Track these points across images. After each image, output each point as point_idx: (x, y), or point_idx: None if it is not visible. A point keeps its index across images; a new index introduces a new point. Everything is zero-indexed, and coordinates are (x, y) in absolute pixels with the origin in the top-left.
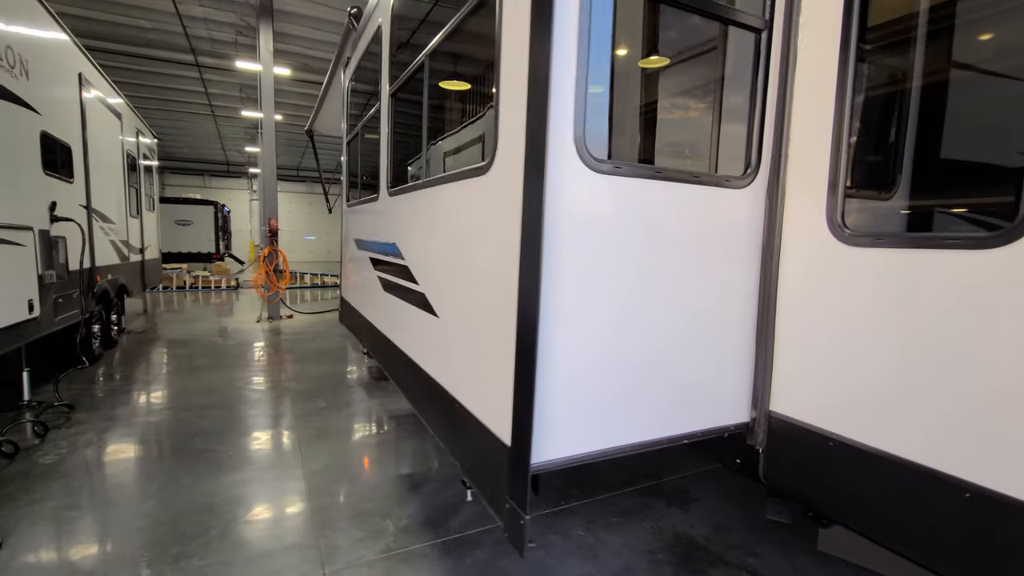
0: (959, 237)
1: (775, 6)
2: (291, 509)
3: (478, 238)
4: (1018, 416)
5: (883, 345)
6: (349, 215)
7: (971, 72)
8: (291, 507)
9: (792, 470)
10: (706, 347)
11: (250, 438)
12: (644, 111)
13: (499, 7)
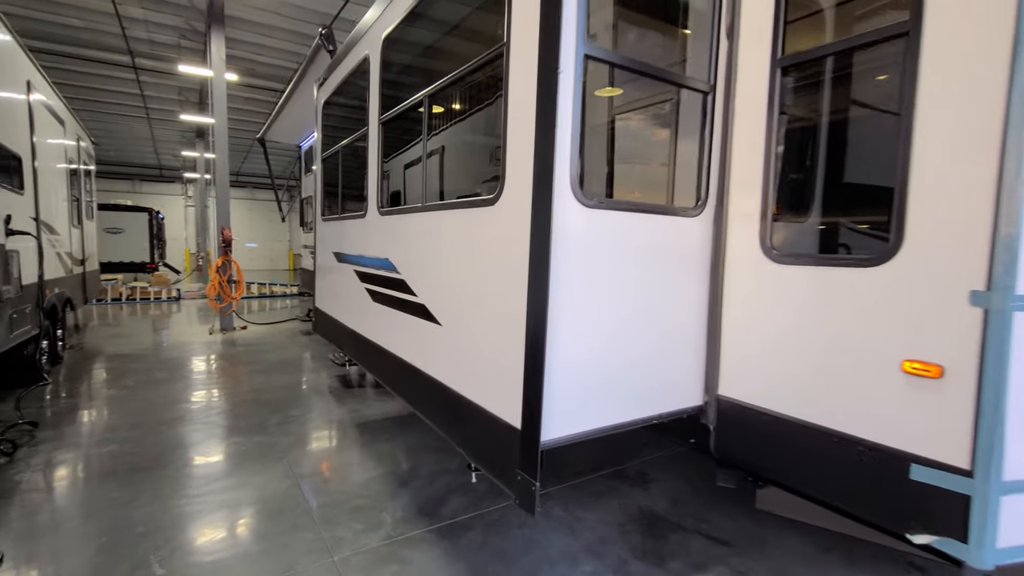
0: (852, 257)
1: (717, 75)
2: (289, 509)
3: (487, 257)
4: (888, 388)
5: (804, 340)
6: (326, 228)
7: (859, 118)
8: (288, 508)
9: (736, 442)
10: (670, 344)
11: (232, 447)
12: (619, 156)
13: (506, 73)
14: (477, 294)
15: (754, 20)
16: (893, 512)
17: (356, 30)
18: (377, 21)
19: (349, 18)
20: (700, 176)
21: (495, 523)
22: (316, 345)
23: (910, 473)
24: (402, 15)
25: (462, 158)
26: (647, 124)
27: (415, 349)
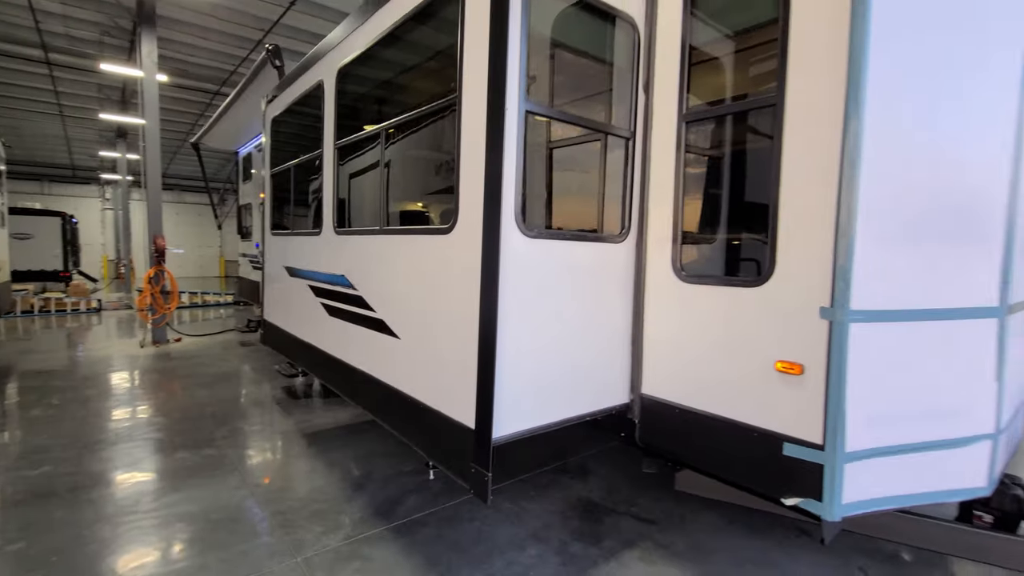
0: (740, 279)
1: (636, 124)
2: (246, 518)
3: (443, 278)
4: (766, 383)
5: (706, 346)
6: (275, 242)
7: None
8: (246, 516)
9: (657, 433)
10: (602, 350)
11: (180, 462)
12: (557, 191)
13: (458, 122)
14: (434, 311)
15: (664, 80)
16: (773, 482)
17: (310, 56)
18: (333, 51)
19: (291, 24)
20: (624, 208)
21: (448, 519)
22: (258, 356)
23: (783, 450)
24: (357, 52)
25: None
26: (580, 164)
27: (373, 360)
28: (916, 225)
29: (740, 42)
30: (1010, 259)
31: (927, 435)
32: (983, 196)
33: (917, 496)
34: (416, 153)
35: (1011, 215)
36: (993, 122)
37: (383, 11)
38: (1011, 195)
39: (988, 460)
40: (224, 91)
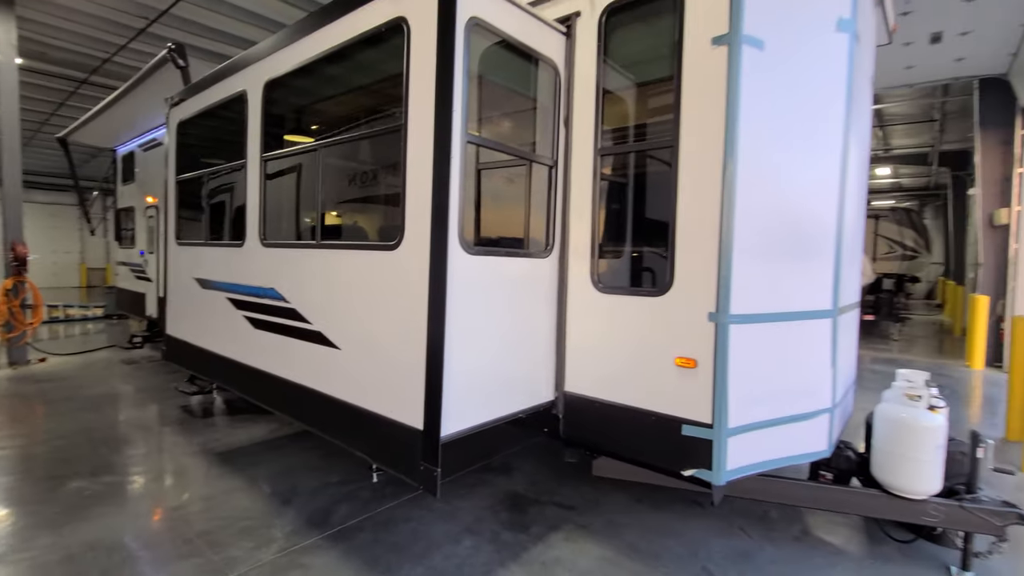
0: (647, 289)
1: (558, 154)
2: (168, 542)
3: (389, 291)
4: (667, 376)
5: (619, 346)
6: (181, 253)
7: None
8: (167, 540)
9: (578, 425)
10: (531, 354)
11: (77, 491)
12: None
13: (404, 148)
14: (378, 322)
15: (582, 117)
16: (674, 458)
17: (231, 64)
18: (260, 63)
19: (182, 15)
20: (548, 227)
21: (383, 522)
22: (147, 375)
23: (682, 431)
24: (290, 68)
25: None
26: (513, 187)
27: (308, 371)
28: (776, 247)
29: (645, 89)
30: (839, 273)
31: (786, 411)
32: (820, 225)
33: (780, 460)
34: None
35: (839, 239)
36: (825, 168)
37: (322, 32)
38: (838, 224)
39: (828, 428)
40: (95, 80)
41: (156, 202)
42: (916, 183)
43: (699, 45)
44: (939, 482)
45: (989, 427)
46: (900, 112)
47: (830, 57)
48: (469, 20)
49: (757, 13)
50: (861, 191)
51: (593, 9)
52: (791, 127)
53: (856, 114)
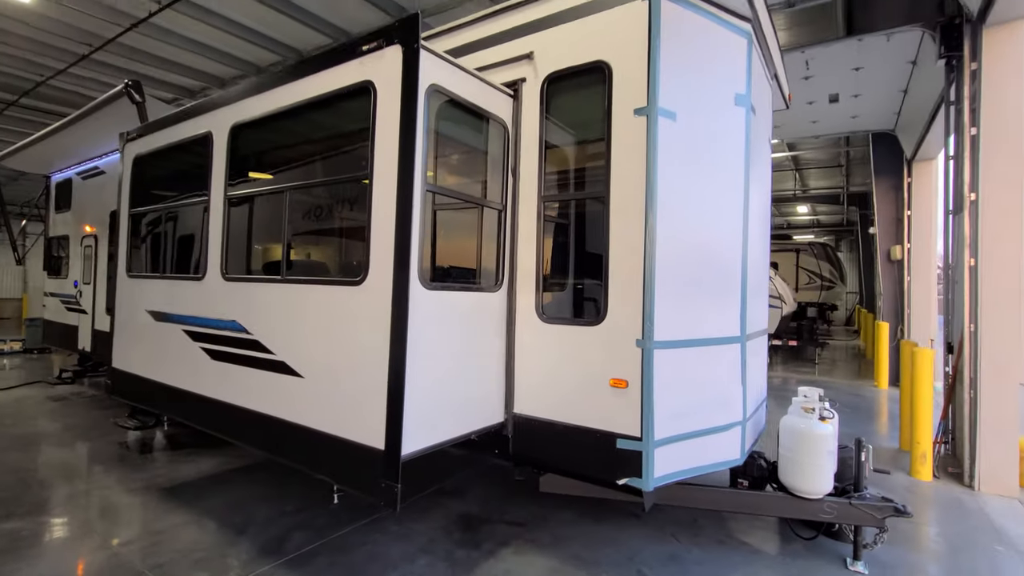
0: (585, 320)
1: (507, 199)
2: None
3: (353, 323)
4: (603, 395)
5: (561, 370)
6: (133, 285)
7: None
8: (122, 573)
9: (526, 444)
10: (484, 378)
11: (13, 531)
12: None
13: (370, 195)
14: (342, 351)
15: (527, 168)
16: (611, 470)
17: (196, 106)
18: (228, 108)
19: (129, 44)
20: (498, 264)
21: (340, 547)
22: (78, 412)
23: (617, 444)
24: (257, 114)
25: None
26: (467, 228)
27: (270, 399)
28: (690, 282)
29: (582, 144)
30: (745, 304)
31: (704, 424)
32: (727, 264)
33: (701, 468)
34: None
35: (744, 276)
36: (730, 217)
37: (293, 85)
38: (743, 263)
39: (740, 439)
40: (26, 103)
41: (94, 231)
42: (832, 220)
43: (624, 114)
44: (831, 483)
45: (889, 439)
46: (813, 158)
47: (730, 125)
48: (429, 87)
49: (670, 90)
50: (764, 234)
51: (536, 77)
52: (700, 182)
53: (755, 169)
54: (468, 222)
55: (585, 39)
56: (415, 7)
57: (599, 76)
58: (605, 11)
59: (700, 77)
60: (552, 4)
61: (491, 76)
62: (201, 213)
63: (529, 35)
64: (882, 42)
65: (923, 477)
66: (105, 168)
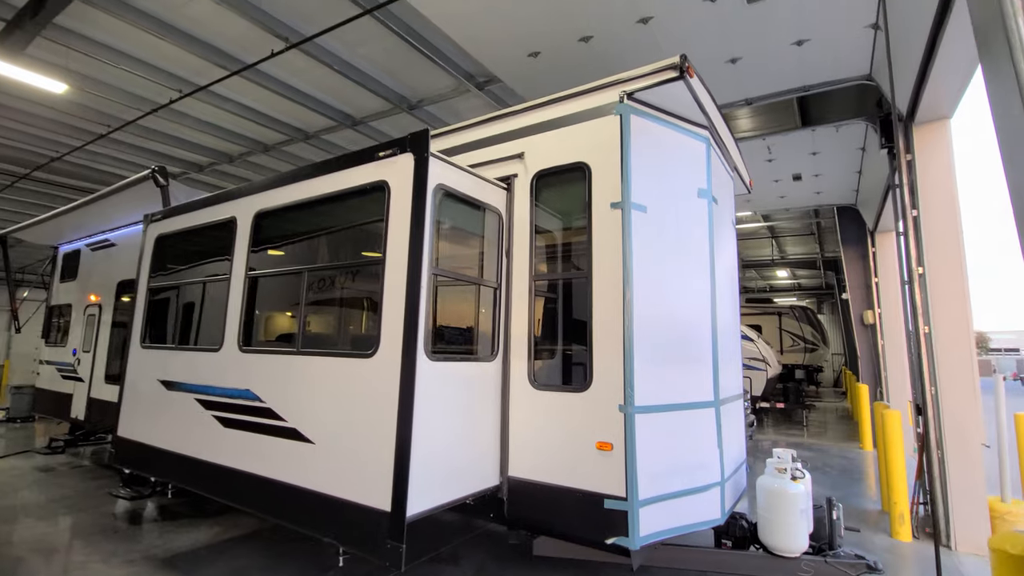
0: (572, 387)
1: (501, 278)
2: None
3: (364, 392)
4: (590, 458)
5: (551, 435)
6: (146, 356)
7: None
8: None
9: (520, 506)
10: (481, 441)
11: None
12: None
13: (382, 277)
14: (352, 418)
15: (520, 250)
16: (599, 529)
17: (222, 194)
18: (252, 196)
19: (146, 124)
20: (494, 336)
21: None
22: (69, 481)
23: (604, 504)
24: (280, 203)
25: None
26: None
27: (280, 465)
28: (666, 352)
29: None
30: (717, 371)
31: (684, 485)
32: (698, 335)
33: (683, 527)
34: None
35: (715, 346)
36: (699, 294)
37: (315, 180)
38: (713, 335)
39: (720, 499)
40: (37, 176)
41: (99, 300)
42: (812, 283)
43: (602, 206)
44: (806, 541)
45: (873, 501)
46: (788, 226)
47: (695, 215)
48: (436, 186)
49: (641, 187)
50: (733, 306)
51: (526, 173)
52: (671, 263)
53: (720, 249)
54: (467, 295)
55: (568, 144)
56: (414, 96)
57: (580, 174)
58: (585, 122)
59: (666, 175)
60: (540, 114)
61: (487, 171)
62: (218, 289)
63: (520, 138)
64: (833, 132)
65: (903, 537)
66: (116, 240)
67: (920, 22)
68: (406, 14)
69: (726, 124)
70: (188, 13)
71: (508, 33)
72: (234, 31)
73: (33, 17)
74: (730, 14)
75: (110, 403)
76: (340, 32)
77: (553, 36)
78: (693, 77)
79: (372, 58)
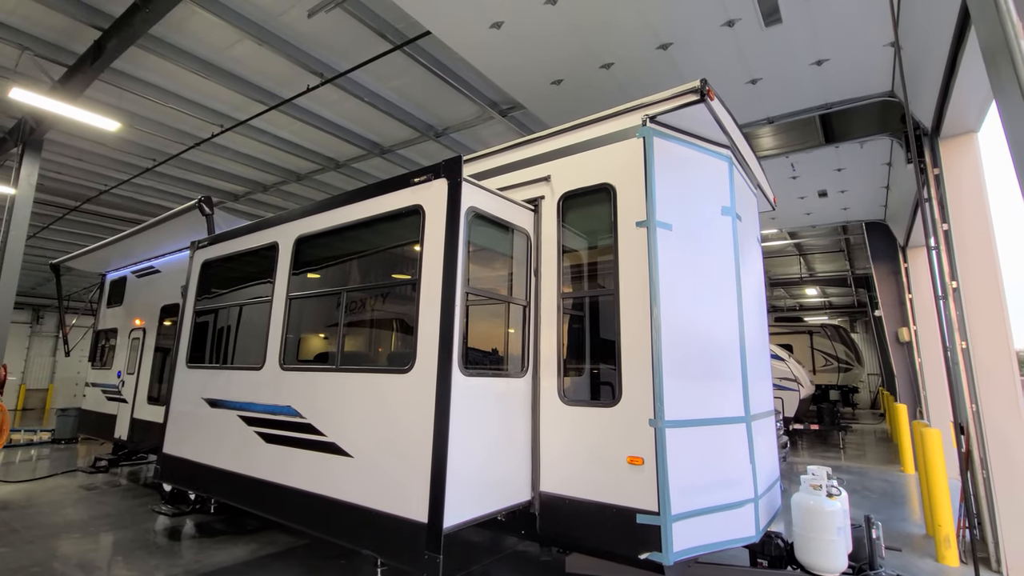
0: (601, 402)
1: (531, 296)
2: None
3: (401, 407)
4: (621, 472)
5: (581, 449)
6: (191, 376)
7: (598, 327)
8: None
9: (551, 521)
10: (513, 456)
11: None
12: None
13: (418, 296)
14: (390, 432)
15: (548, 269)
16: (632, 544)
17: (264, 221)
18: (292, 222)
19: (187, 157)
20: (524, 352)
21: None
22: (112, 499)
23: (637, 519)
24: (320, 228)
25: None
26: (497, 321)
27: (319, 479)
28: (694, 367)
29: (594, 248)
30: (747, 386)
31: (717, 500)
32: (727, 350)
33: (718, 544)
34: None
35: (743, 360)
36: (726, 309)
37: (353, 206)
38: (741, 349)
39: (754, 516)
40: (87, 208)
41: (143, 324)
42: (843, 301)
43: (627, 225)
44: (844, 560)
45: (918, 525)
46: (816, 243)
47: (719, 232)
48: (468, 208)
49: (665, 206)
50: (761, 322)
51: (553, 195)
52: (697, 280)
53: (746, 266)
54: (498, 313)
55: (593, 166)
56: (440, 125)
57: (605, 195)
58: (609, 145)
59: (690, 194)
60: (565, 138)
61: (515, 194)
62: (261, 310)
63: (546, 162)
64: (857, 148)
65: (949, 562)
66: (160, 268)
67: (940, 39)
68: (433, 47)
69: (748, 143)
70: (232, 54)
71: (531, 62)
72: (273, 69)
73: (93, 63)
74: (748, 38)
75: (152, 423)
76: (371, 67)
77: (575, 64)
78: (713, 100)
79: (401, 90)
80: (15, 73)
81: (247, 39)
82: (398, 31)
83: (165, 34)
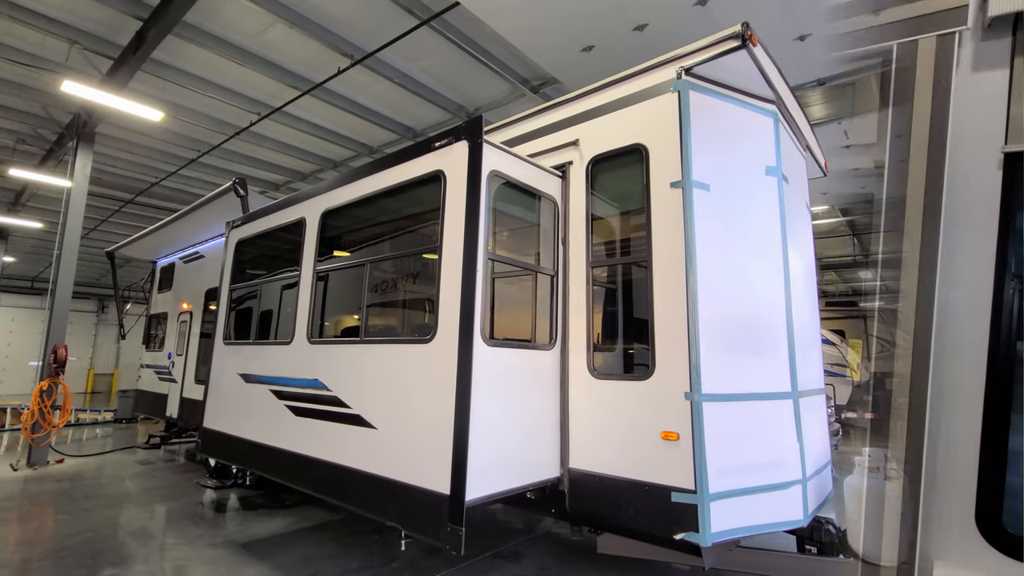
0: (634, 376)
1: (558, 266)
2: None
3: (423, 377)
4: (655, 448)
5: (613, 424)
6: (228, 352)
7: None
8: None
9: (581, 499)
10: (540, 432)
11: None
12: (508, 311)
13: (439, 264)
14: (412, 403)
15: (576, 238)
16: (667, 523)
17: (291, 198)
18: (318, 197)
19: (228, 147)
20: (552, 325)
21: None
22: (163, 475)
23: (672, 498)
24: (344, 201)
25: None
26: (524, 292)
27: (345, 451)
28: (734, 338)
29: (626, 215)
30: (794, 360)
31: (761, 481)
32: (772, 320)
33: (760, 526)
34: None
35: (790, 332)
36: (769, 277)
37: (375, 176)
38: (788, 321)
39: (801, 499)
40: (140, 201)
41: (190, 308)
42: None
43: (661, 187)
44: None
45: None
46: (871, 222)
47: (763, 194)
48: (490, 172)
49: (702, 165)
50: (811, 294)
51: (582, 159)
52: (738, 245)
53: (794, 231)
54: (524, 284)
55: (623, 126)
56: (471, 105)
57: (637, 156)
58: (640, 103)
59: (730, 152)
60: (594, 99)
61: (542, 160)
62: (291, 286)
63: (574, 125)
64: None
65: None
66: (204, 253)
67: None
68: (460, 21)
69: (795, 99)
70: (265, 39)
71: (561, 27)
72: (305, 53)
73: (135, 53)
74: None
75: (199, 402)
76: (400, 47)
77: (607, 27)
78: (756, 46)
79: (430, 69)
80: (66, 68)
81: (279, 23)
82: (425, 6)
83: (201, 22)
